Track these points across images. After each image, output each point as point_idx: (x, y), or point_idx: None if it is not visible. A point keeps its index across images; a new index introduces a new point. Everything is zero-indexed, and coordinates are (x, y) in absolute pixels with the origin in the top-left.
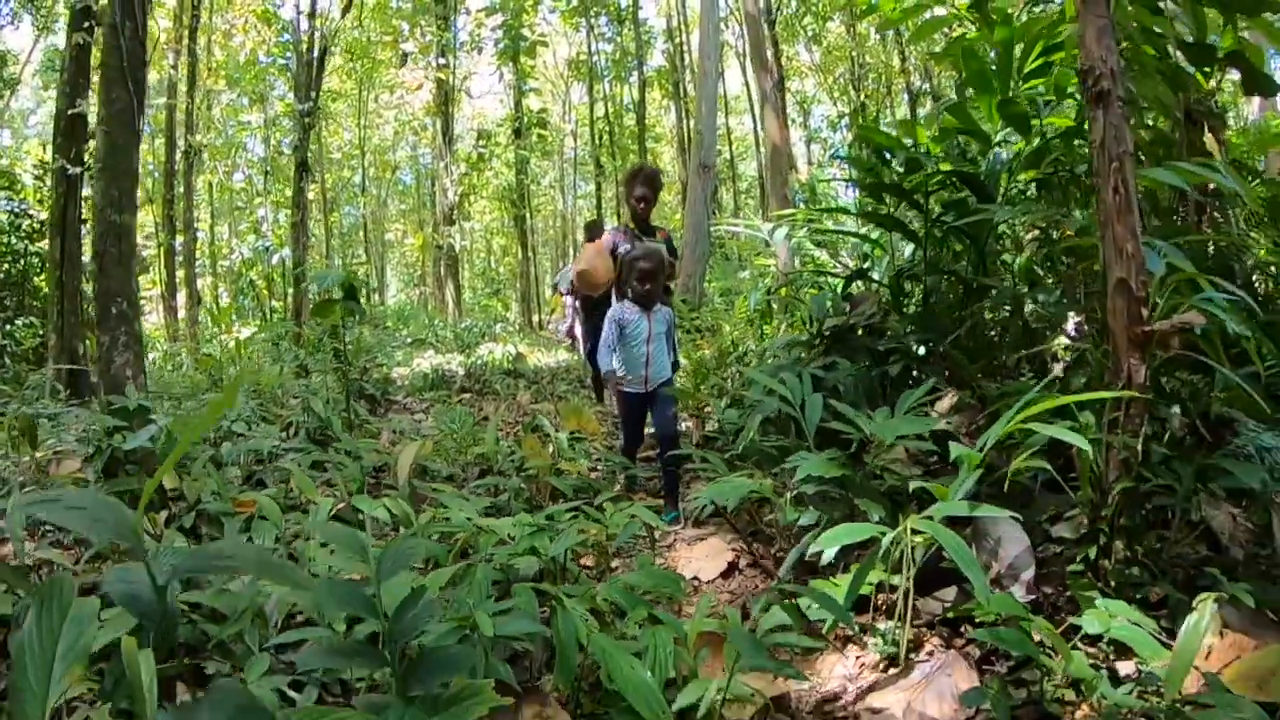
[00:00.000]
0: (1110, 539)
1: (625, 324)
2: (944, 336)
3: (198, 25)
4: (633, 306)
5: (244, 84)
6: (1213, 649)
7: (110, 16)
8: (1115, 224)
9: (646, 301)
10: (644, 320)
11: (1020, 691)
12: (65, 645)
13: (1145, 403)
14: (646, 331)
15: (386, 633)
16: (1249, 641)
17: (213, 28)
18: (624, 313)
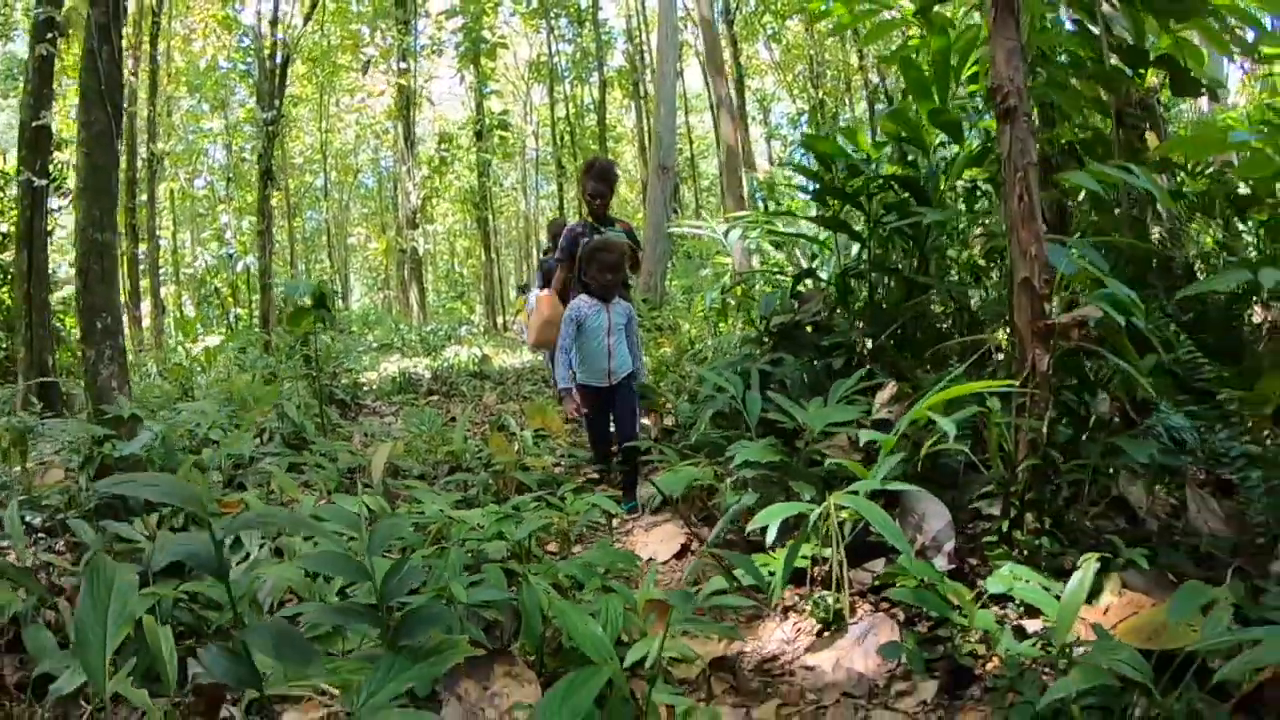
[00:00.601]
0: (1020, 512)
1: (583, 319)
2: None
3: (159, 31)
4: (590, 300)
5: (205, 90)
6: (1111, 607)
7: (87, 42)
8: (1020, 229)
9: (606, 293)
10: (603, 313)
11: (937, 648)
12: (115, 609)
13: (1049, 389)
14: (606, 324)
15: (378, 594)
16: (1146, 600)
17: (172, 33)
18: (581, 307)
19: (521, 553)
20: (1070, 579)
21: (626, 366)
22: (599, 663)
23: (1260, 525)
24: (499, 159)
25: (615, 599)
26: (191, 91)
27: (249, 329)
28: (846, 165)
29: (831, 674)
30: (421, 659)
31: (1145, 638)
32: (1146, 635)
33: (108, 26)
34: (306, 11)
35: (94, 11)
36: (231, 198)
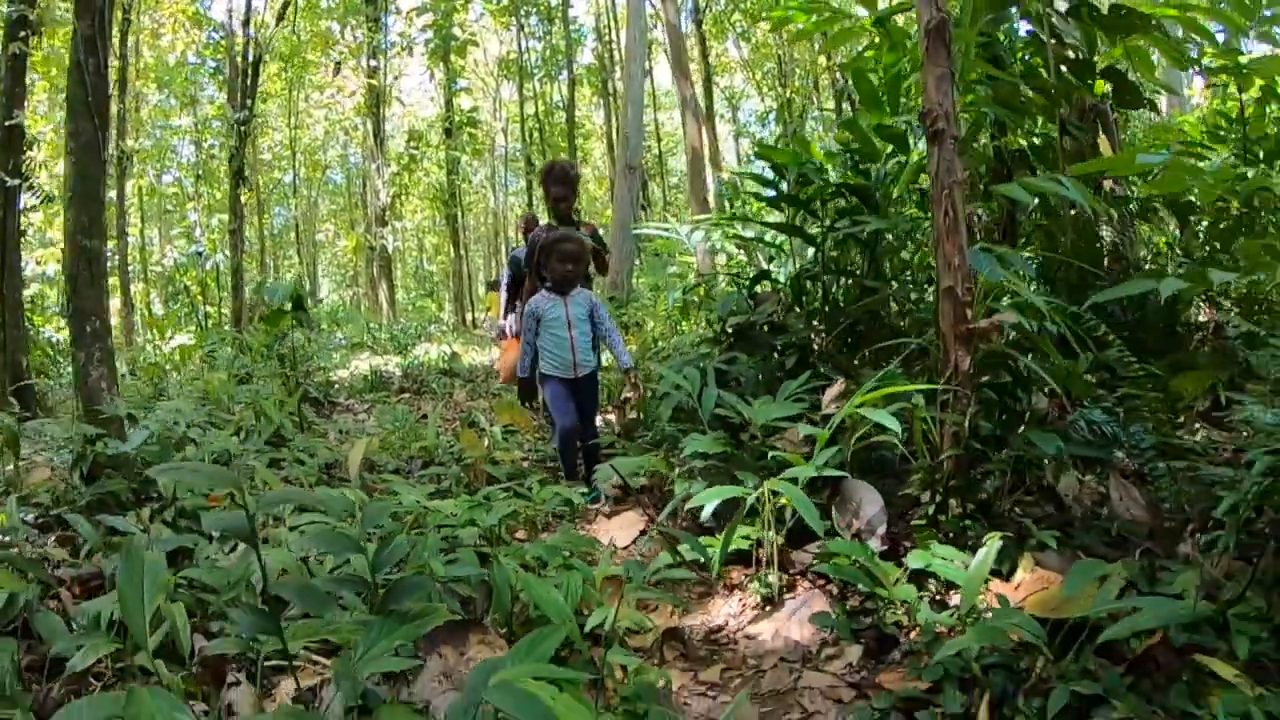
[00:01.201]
0: (945, 498)
1: (542, 314)
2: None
3: (128, 27)
4: (547, 295)
5: (174, 86)
6: (1023, 583)
7: (74, 54)
8: (945, 241)
9: (565, 285)
10: (560, 305)
11: (865, 619)
12: (149, 582)
13: (971, 386)
14: (565, 316)
15: (370, 565)
16: (1056, 577)
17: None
18: (539, 303)
19: (492, 538)
20: (1006, 561)
21: (590, 362)
22: (560, 624)
23: (1170, 512)
24: (468, 156)
25: (575, 574)
26: (161, 88)
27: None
28: (799, 173)
29: (770, 642)
30: (407, 622)
31: (1049, 609)
32: (1050, 607)
33: (94, 39)
34: (279, 11)
35: (80, 24)
36: (200, 195)
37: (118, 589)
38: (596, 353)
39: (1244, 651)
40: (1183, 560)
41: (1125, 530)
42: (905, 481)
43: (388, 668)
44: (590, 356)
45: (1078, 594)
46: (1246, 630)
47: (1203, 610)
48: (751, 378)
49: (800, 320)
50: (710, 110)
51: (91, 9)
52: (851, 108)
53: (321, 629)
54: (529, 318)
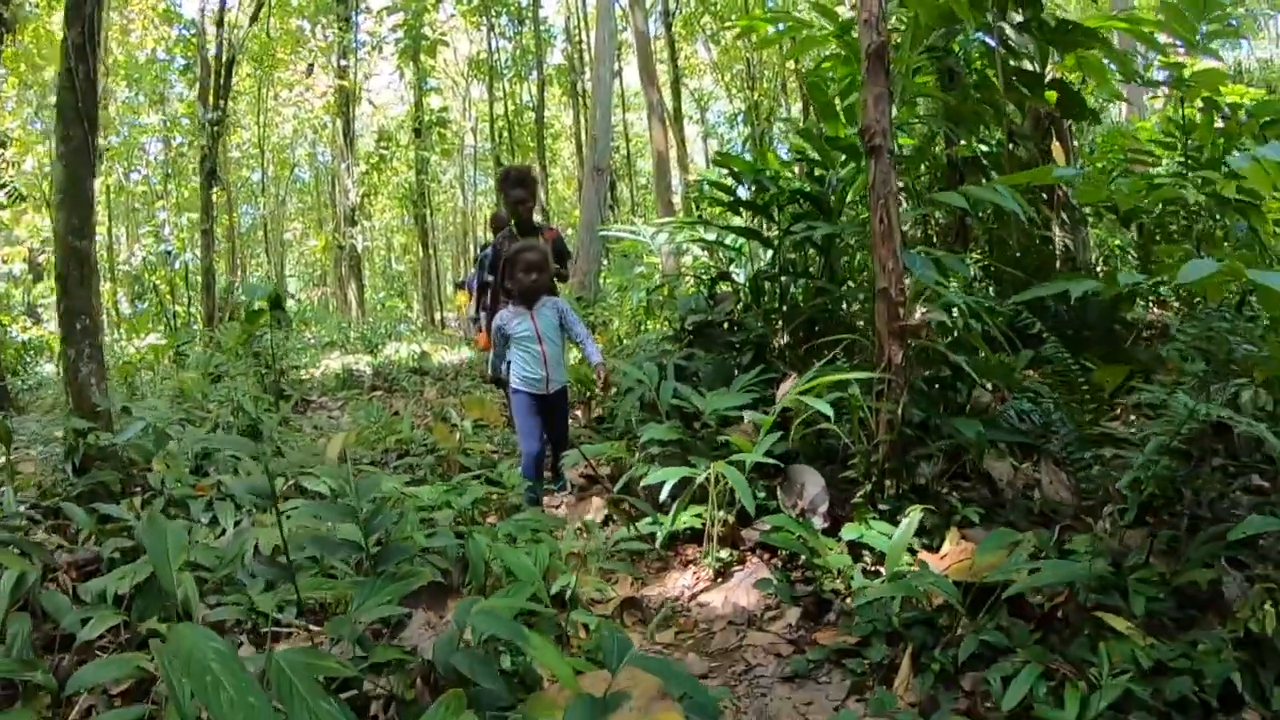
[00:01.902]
0: (881, 479)
1: (511, 330)
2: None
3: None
4: (514, 309)
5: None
6: (949, 553)
7: (65, 61)
8: (880, 246)
9: (531, 296)
10: (527, 319)
11: (806, 586)
12: (172, 543)
13: (904, 378)
14: (534, 330)
15: (363, 529)
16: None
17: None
18: (505, 319)
19: (466, 520)
20: (938, 536)
21: (562, 378)
22: (530, 582)
23: (1090, 493)
24: (438, 156)
25: (544, 546)
26: (130, 85)
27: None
28: (753, 182)
29: (720, 608)
30: (395, 581)
31: (968, 574)
32: (969, 572)
33: (84, 47)
34: (252, 11)
35: (70, 32)
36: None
37: (148, 549)
38: (586, 345)
39: (1140, 609)
40: (1095, 535)
41: (1050, 510)
42: (848, 466)
43: (382, 614)
44: (562, 372)
45: (992, 559)
46: (1144, 591)
47: (1100, 570)
48: (709, 373)
49: (758, 319)
50: (679, 111)
51: (81, 17)
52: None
53: (323, 585)
54: (497, 333)
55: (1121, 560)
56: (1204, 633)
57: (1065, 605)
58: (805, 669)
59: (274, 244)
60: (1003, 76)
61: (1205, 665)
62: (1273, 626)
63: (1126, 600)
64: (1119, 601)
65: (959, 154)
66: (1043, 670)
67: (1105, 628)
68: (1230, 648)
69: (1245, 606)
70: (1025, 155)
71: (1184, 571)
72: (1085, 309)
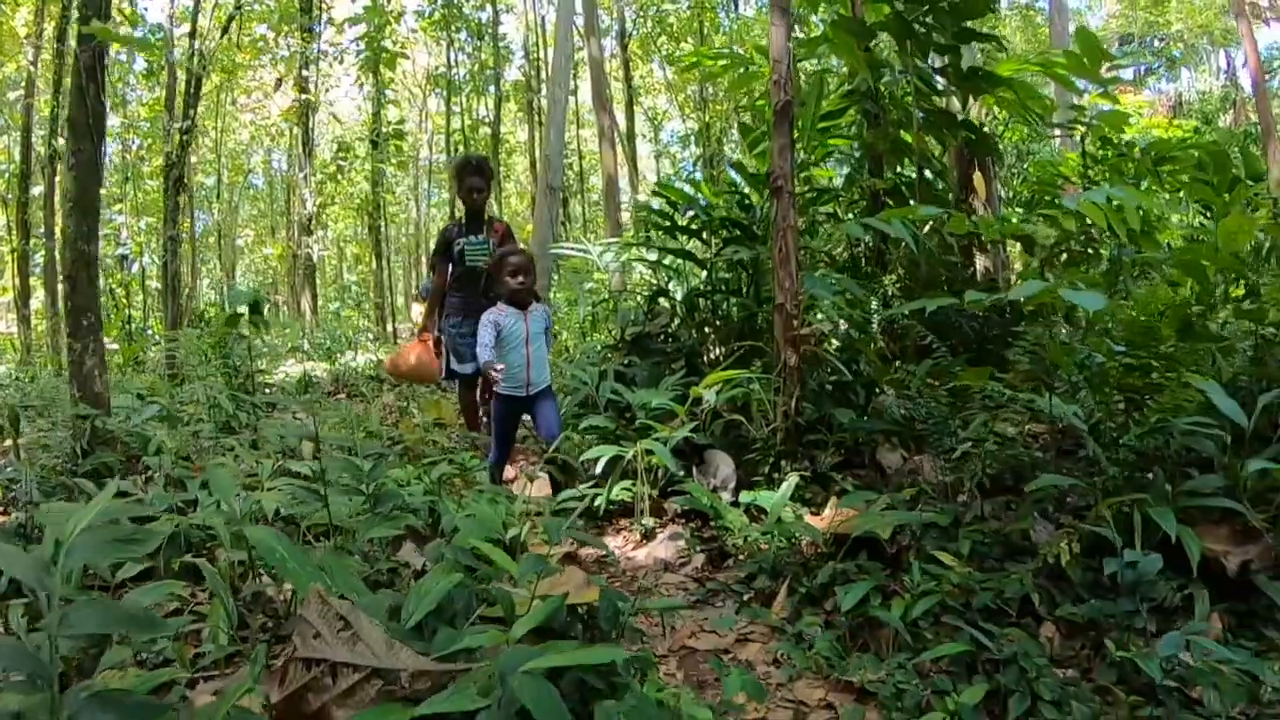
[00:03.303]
0: (777, 461)
1: (501, 326)
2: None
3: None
4: (507, 308)
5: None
6: (827, 516)
7: (75, 79)
8: (779, 269)
9: (522, 300)
10: (520, 321)
11: (712, 542)
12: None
13: (796, 378)
14: (524, 333)
15: (366, 477)
16: (850, 511)
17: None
18: (499, 315)
19: (436, 491)
20: (824, 506)
21: (545, 378)
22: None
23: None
24: (394, 168)
25: (501, 505)
26: None
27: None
28: (688, 208)
29: (644, 560)
30: (388, 520)
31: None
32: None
33: (94, 67)
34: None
35: (81, 55)
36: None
37: (210, 482)
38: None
39: (966, 549)
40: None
41: (924, 489)
42: (754, 452)
43: (383, 533)
44: (545, 374)
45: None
46: (971, 536)
47: (934, 518)
48: (644, 378)
49: (690, 331)
50: (631, 131)
51: (91, 41)
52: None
53: (335, 515)
54: (488, 326)
55: (962, 517)
56: (1016, 565)
57: (908, 548)
58: (705, 597)
59: (226, 250)
60: (916, 116)
61: (1006, 585)
62: (1067, 559)
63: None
64: (951, 543)
65: (880, 186)
66: (878, 586)
67: (936, 561)
68: (1031, 575)
69: (1049, 546)
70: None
71: (1010, 524)
72: (988, 323)
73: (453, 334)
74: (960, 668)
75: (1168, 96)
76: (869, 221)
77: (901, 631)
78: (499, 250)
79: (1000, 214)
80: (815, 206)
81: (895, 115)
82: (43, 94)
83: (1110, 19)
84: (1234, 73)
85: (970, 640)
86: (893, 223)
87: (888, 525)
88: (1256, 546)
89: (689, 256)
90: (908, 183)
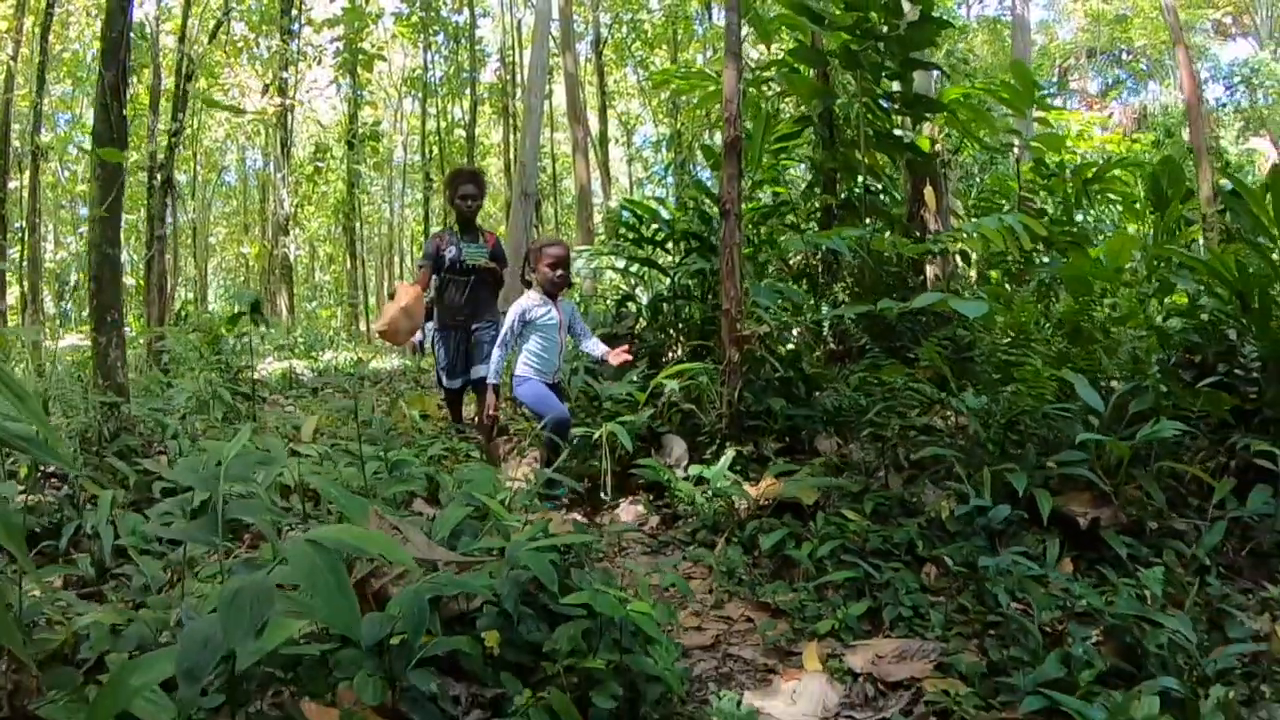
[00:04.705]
0: (722, 444)
1: (535, 316)
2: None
3: (51, 20)
4: (539, 297)
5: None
6: (761, 486)
7: (100, 97)
8: (726, 280)
9: (558, 289)
10: (553, 310)
11: (667, 508)
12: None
13: (738, 373)
14: (557, 319)
15: (385, 446)
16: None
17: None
18: (530, 305)
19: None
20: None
21: (561, 368)
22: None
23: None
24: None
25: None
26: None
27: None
28: (652, 221)
29: (608, 525)
30: (403, 482)
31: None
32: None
33: (118, 86)
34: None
35: (106, 74)
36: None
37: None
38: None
39: (869, 508)
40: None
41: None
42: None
43: (399, 489)
44: (562, 364)
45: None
46: (874, 499)
47: (846, 485)
48: (612, 372)
49: (654, 332)
50: (604, 136)
51: (115, 62)
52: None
53: (355, 478)
54: (515, 320)
55: (869, 485)
56: (908, 520)
57: (822, 508)
58: (657, 548)
59: (200, 248)
60: (863, 138)
61: (896, 534)
62: (946, 514)
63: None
64: (858, 504)
65: (832, 201)
66: (792, 533)
67: (844, 517)
68: (917, 526)
69: (934, 505)
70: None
71: (910, 490)
72: (917, 326)
73: (442, 346)
74: (851, 591)
75: (1133, 109)
76: (810, 237)
77: (808, 566)
78: (538, 240)
79: (950, 226)
80: (775, 219)
81: (849, 136)
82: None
83: (1080, 32)
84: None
85: (862, 572)
86: (832, 238)
87: (808, 490)
88: (1109, 509)
89: (654, 265)
90: (860, 198)
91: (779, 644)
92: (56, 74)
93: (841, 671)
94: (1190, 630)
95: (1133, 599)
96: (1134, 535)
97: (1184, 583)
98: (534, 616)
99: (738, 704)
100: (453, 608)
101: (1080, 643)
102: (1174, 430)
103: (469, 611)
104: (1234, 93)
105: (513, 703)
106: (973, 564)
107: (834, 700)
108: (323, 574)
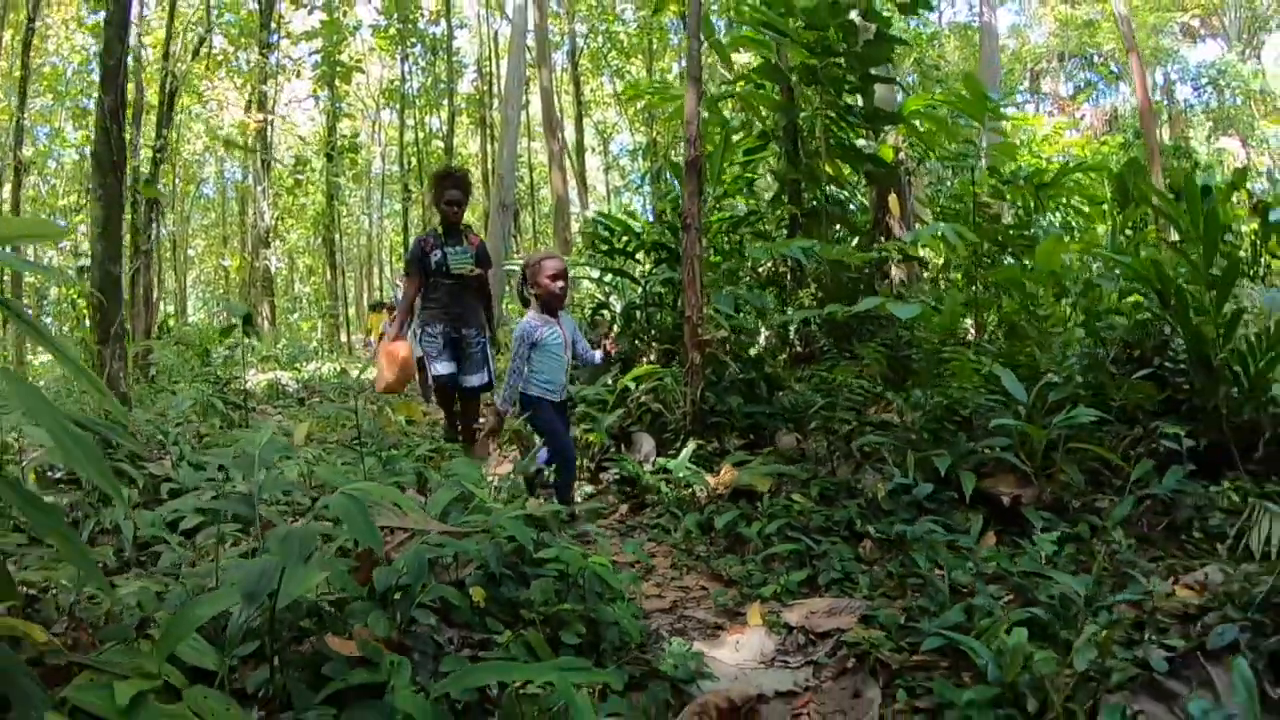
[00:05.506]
0: (686, 439)
1: (540, 336)
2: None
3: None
4: (541, 317)
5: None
6: (721, 477)
7: (100, 120)
8: (688, 289)
9: (560, 301)
10: (557, 328)
11: (635, 496)
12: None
13: (700, 374)
14: (564, 339)
15: (378, 444)
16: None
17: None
18: (536, 325)
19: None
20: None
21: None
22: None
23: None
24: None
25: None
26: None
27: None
28: (623, 234)
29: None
30: (395, 476)
31: (729, 484)
32: (730, 483)
33: (117, 110)
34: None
35: (106, 99)
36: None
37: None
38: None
39: (815, 492)
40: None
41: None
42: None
43: (397, 480)
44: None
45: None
46: (820, 484)
47: (795, 473)
48: (588, 375)
49: (627, 338)
50: (580, 145)
51: (114, 87)
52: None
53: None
54: (521, 343)
55: (817, 473)
56: (849, 501)
57: (775, 493)
58: (625, 532)
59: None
60: (825, 150)
61: (837, 513)
62: (881, 495)
63: (801, 492)
64: (801, 490)
65: (796, 210)
66: (744, 514)
67: (793, 500)
68: (857, 507)
69: (871, 487)
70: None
71: (856, 476)
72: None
73: (431, 342)
74: (794, 562)
75: (1104, 111)
76: (772, 246)
77: (757, 542)
78: (534, 255)
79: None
80: (746, 228)
81: (812, 147)
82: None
83: (1051, 36)
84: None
85: (804, 545)
86: (790, 247)
87: (761, 478)
88: (1031, 489)
89: (625, 275)
90: (823, 207)
91: (728, 606)
92: (36, 87)
93: (779, 625)
94: (1081, 586)
95: (1036, 560)
96: (1057, 513)
97: (1093, 551)
98: (514, 579)
99: (688, 650)
100: (445, 577)
101: (984, 595)
102: (1089, 417)
103: (459, 580)
104: (1202, 94)
105: (497, 642)
106: (901, 536)
107: (771, 648)
108: (355, 514)
